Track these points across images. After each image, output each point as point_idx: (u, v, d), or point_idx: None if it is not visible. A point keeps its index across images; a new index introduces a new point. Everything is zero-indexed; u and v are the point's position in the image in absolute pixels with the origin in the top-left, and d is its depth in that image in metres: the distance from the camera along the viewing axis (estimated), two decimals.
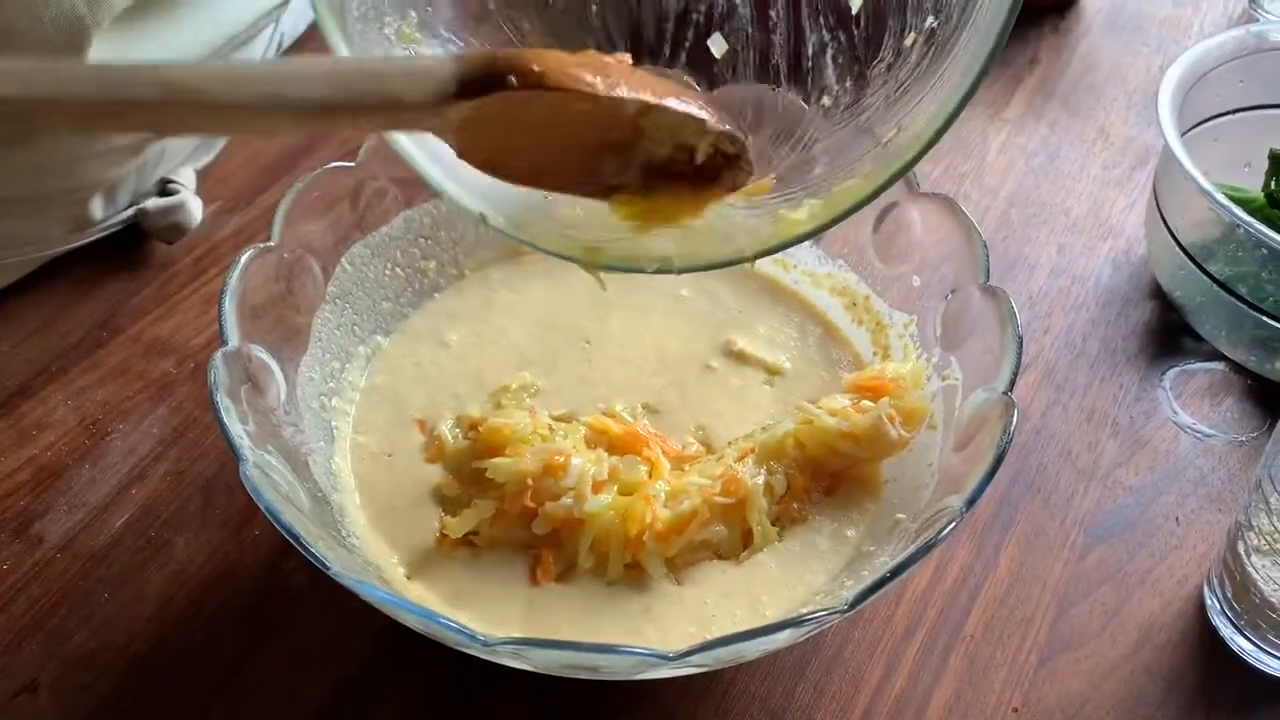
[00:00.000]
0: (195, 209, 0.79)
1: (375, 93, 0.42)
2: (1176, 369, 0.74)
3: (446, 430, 0.61)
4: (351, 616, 0.59)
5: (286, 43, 0.89)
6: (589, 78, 0.44)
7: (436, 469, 0.60)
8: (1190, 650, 0.60)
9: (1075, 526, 0.66)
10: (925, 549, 0.47)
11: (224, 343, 0.54)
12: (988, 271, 0.58)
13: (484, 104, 0.43)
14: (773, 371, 0.65)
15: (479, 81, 0.42)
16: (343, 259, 0.63)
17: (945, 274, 0.61)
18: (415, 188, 0.66)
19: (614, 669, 0.47)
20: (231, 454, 0.49)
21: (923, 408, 0.58)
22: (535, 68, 0.42)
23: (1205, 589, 0.62)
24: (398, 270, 0.66)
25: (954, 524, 0.47)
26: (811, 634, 0.50)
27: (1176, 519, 0.66)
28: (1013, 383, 0.53)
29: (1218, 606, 0.61)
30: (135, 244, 0.79)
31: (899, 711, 0.58)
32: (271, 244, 0.58)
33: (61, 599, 0.61)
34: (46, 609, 0.60)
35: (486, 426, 0.59)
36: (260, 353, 0.55)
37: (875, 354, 0.64)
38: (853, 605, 0.45)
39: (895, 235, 0.64)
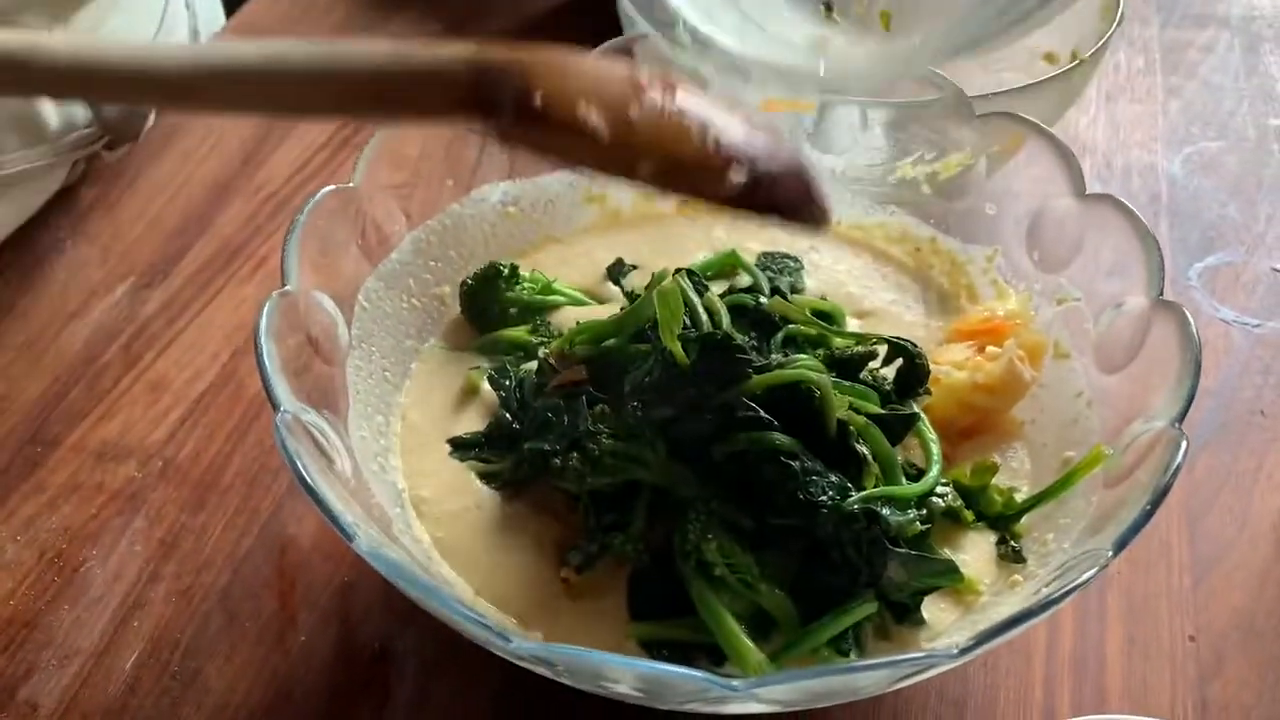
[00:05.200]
0: None
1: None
2: (1199, 265, 0.73)
3: None
4: (453, 699, 0.51)
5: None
6: (592, 119, 0.38)
7: (516, 512, 0.51)
8: None
9: None
10: (1169, 479, 0.42)
11: (275, 409, 0.44)
12: (1083, 180, 0.54)
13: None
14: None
15: (486, 103, 0.37)
16: (359, 296, 0.53)
17: (1028, 194, 0.56)
18: (416, 204, 0.57)
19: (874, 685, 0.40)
20: (341, 535, 0.40)
21: (1042, 341, 0.53)
22: (536, 103, 0.37)
23: None
24: (414, 301, 0.57)
25: (1185, 447, 0.43)
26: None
27: (1261, 412, 0.64)
28: (1162, 288, 0.49)
29: None
30: (46, 338, 0.67)
31: (1079, 668, 0.53)
32: (289, 289, 0.48)
33: None
34: None
35: None
36: (313, 417, 0.45)
37: (960, 296, 0.59)
38: (1116, 551, 0.40)
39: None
